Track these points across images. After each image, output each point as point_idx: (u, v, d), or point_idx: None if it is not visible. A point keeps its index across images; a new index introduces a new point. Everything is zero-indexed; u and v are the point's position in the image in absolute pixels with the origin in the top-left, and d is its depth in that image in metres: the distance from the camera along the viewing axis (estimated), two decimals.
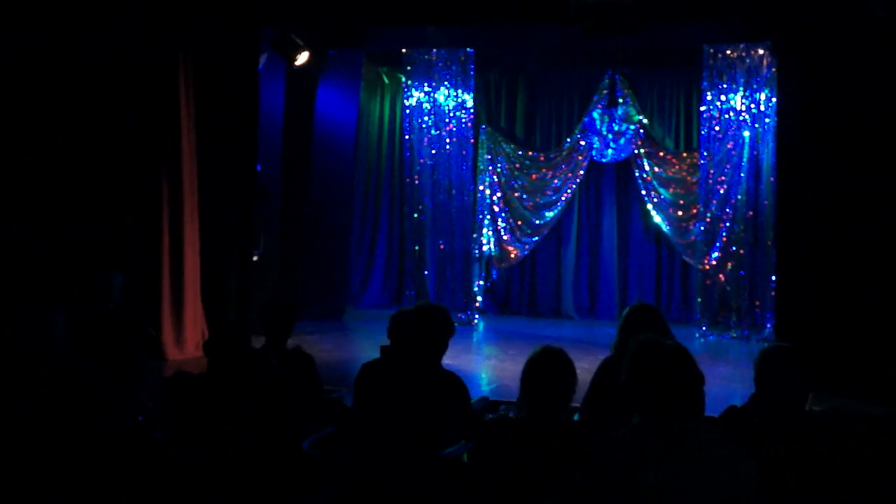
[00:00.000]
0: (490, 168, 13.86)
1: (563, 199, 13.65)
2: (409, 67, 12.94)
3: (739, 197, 11.79)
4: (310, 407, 4.90)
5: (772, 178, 11.15)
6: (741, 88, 11.66)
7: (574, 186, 13.64)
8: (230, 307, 9.91)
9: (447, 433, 4.31)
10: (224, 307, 9.79)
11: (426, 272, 12.90)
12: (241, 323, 9.50)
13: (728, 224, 11.90)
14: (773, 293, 10.71)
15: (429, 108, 12.93)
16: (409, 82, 13.00)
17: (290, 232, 11.81)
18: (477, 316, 12.98)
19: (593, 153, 13.51)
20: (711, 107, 11.87)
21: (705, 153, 11.99)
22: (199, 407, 4.05)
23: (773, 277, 10.59)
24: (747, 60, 11.59)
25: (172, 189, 9.14)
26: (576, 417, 4.94)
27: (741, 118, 11.74)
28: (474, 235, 13.41)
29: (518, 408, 3.97)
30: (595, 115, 13.41)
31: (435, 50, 12.76)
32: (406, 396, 4.21)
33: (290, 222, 11.80)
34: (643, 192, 13.27)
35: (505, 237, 13.83)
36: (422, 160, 12.90)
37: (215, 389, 4.13)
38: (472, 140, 13.06)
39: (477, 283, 13.51)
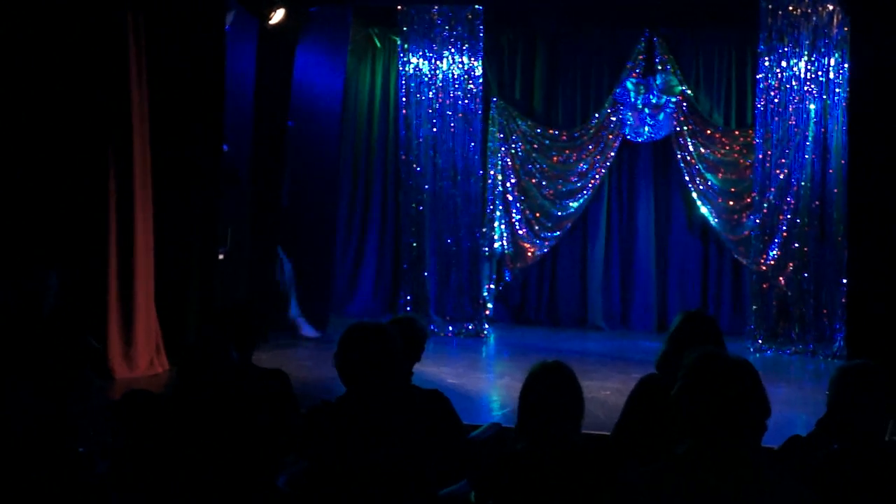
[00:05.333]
0: (502, 149, 13.84)
1: (590, 186, 13.63)
2: (405, 28, 12.91)
3: (803, 183, 11.75)
4: (285, 436, 4.87)
5: (843, 161, 11.12)
6: (806, 52, 11.62)
7: (603, 171, 13.62)
8: (191, 315, 9.88)
9: (440, 465, 4.29)
10: (183, 315, 9.76)
11: (426, 273, 12.86)
12: (205, 335, 9.45)
13: (789, 216, 11.85)
14: (843, 299, 10.66)
15: (429, 76, 12.90)
16: (406, 46, 12.97)
17: (263, 225, 11.77)
18: (487, 326, 12.97)
19: (626, 131, 13.49)
20: (769, 75, 11.83)
21: (762, 131, 11.95)
22: (156, 435, 4.01)
23: (844, 280, 10.54)
24: (813, 18, 11.54)
25: (121, 173, 9.11)
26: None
27: (805, 88, 11.70)
28: (483, 230, 13.40)
29: (517, 437, 3.98)
30: (629, 85, 13.39)
31: (437, 7, 12.74)
32: (378, 436, 4.15)
33: (263, 214, 11.77)
34: (686, 178, 13.26)
35: (520, 232, 13.82)
36: (421, 139, 12.88)
37: (181, 413, 4.10)
38: (480, 115, 13.04)
39: (487, 286, 13.50)
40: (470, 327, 12.71)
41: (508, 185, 13.86)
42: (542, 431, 3.88)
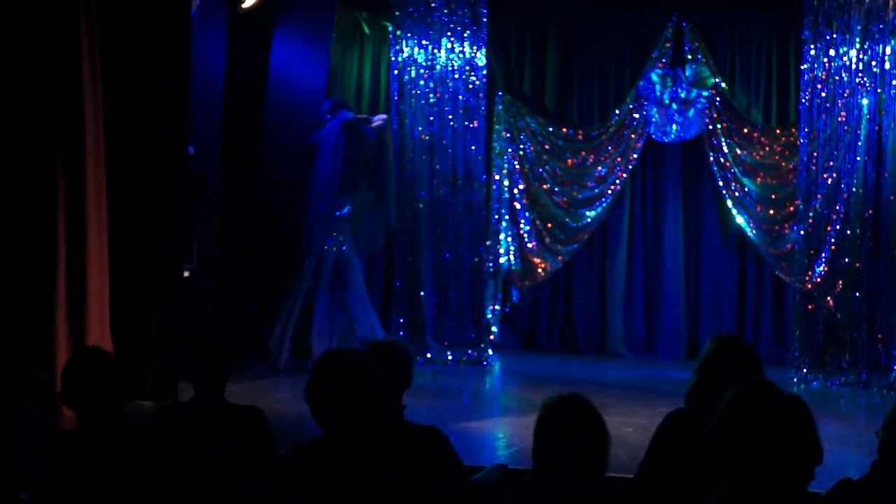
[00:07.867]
0: (509, 151, 13.87)
1: (609, 192, 13.65)
2: (398, 11, 12.89)
3: (854, 189, 11.72)
4: (258, 486, 4.85)
5: None
6: (857, 39, 11.60)
7: (625, 175, 13.65)
8: (151, 342, 9.84)
9: None
10: (143, 342, 9.73)
11: (421, 293, 12.83)
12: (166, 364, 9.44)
13: (838, 227, 11.83)
14: None
15: (425, 67, 12.89)
16: (399, 32, 12.96)
17: (235, 238, 11.75)
18: (491, 353, 12.93)
19: (651, 130, 13.52)
20: (816, 65, 11.81)
21: (807, 129, 11.94)
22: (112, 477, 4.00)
23: None
24: (866, 0, 11.54)
25: (71, 179, 9.08)
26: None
27: (857, 80, 11.68)
28: (487, 243, 13.40)
29: (531, 481, 3.96)
30: (654, 77, 13.42)
31: None
32: (362, 483, 4.12)
33: (235, 225, 11.75)
34: (720, 184, 13.30)
35: (529, 245, 13.83)
36: (416, 139, 12.86)
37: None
38: (484, 112, 13.05)
39: (491, 308, 13.49)
40: (472, 354, 12.65)
41: (516, 191, 13.87)
42: (560, 475, 3.85)
